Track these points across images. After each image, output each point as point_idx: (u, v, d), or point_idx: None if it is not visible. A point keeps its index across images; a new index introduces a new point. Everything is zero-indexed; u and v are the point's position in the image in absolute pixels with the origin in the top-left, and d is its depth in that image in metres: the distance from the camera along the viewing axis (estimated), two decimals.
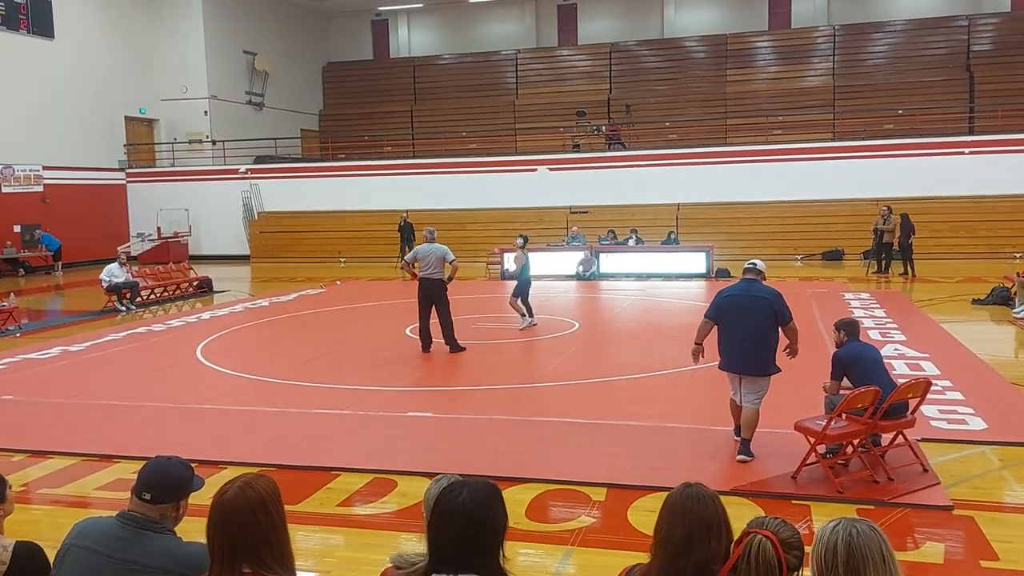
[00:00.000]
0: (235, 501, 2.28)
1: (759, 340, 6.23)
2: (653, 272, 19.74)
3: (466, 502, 2.20)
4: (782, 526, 2.27)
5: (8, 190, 24.72)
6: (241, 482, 2.35)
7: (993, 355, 10.04)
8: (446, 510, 2.21)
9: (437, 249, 10.85)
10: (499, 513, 2.26)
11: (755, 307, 6.25)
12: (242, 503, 2.27)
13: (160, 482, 2.72)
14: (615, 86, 33.36)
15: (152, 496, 2.68)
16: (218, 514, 2.27)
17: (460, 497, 2.21)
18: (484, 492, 2.25)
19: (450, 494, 2.23)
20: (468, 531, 2.18)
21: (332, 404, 8.39)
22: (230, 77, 31.20)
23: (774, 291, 6.37)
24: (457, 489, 2.24)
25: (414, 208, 25.23)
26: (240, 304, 16.82)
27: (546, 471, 6.18)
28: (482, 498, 2.23)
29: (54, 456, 6.94)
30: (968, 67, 29.96)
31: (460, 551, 2.18)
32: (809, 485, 5.72)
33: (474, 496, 2.22)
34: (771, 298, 6.27)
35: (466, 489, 2.23)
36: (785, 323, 6.27)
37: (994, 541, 4.87)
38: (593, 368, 10.06)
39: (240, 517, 2.25)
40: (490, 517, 2.22)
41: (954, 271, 18.89)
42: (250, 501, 2.29)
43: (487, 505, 2.23)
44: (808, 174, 24.27)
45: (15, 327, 14.02)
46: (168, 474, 2.75)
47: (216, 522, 2.26)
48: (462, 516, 2.18)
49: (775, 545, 2.18)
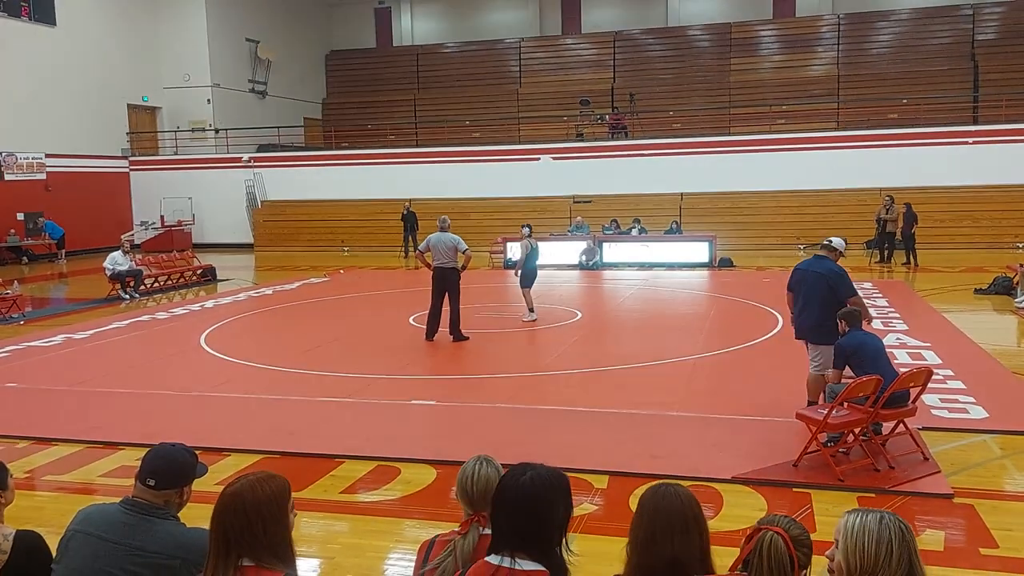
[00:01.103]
0: (236, 497, 2.27)
1: (815, 311, 6.77)
2: (656, 262, 19.74)
3: (527, 484, 2.21)
4: (792, 524, 2.27)
5: (11, 178, 24.74)
6: (250, 479, 2.33)
7: (995, 344, 10.05)
8: (509, 490, 2.23)
9: (448, 238, 10.84)
10: (560, 499, 2.26)
11: (814, 282, 6.84)
12: (244, 500, 2.26)
13: (164, 468, 2.74)
14: (619, 75, 33.25)
15: (156, 482, 2.71)
16: (220, 507, 2.28)
17: (524, 478, 2.23)
18: (548, 476, 2.26)
19: (515, 475, 2.25)
20: (526, 512, 2.19)
21: (335, 392, 8.42)
22: (233, 65, 31.14)
23: (835, 269, 6.85)
24: (523, 470, 2.26)
25: (417, 197, 25.21)
26: (244, 292, 16.85)
27: (548, 458, 6.12)
28: (544, 481, 2.24)
29: (58, 443, 6.98)
30: (973, 56, 29.81)
31: (518, 532, 2.19)
32: (810, 473, 5.74)
33: (536, 479, 2.23)
34: (827, 274, 6.80)
35: (531, 471, 2.25)
36: (846, 299, 6.66)
37: (994, 529, 4.89)
38: (595, 357, 10.07)
39: (240, 514, 2.24)
40: (549, 501, 2.23)
41: (957, 261, 18.87)
42: (255, 499, 2.27)
43: (550, 488, 2.24)
44: (812, 164, 24.22)
45: (19, 315, 14.06)
46: (172, 460, 2.77)
47: (217, 514, 2.27)
48: (525, 499, 2.19)
49: (787, 542, 2.18)
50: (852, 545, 2.04)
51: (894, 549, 2.01)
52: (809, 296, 6.84)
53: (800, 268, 7.09)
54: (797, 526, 2.27)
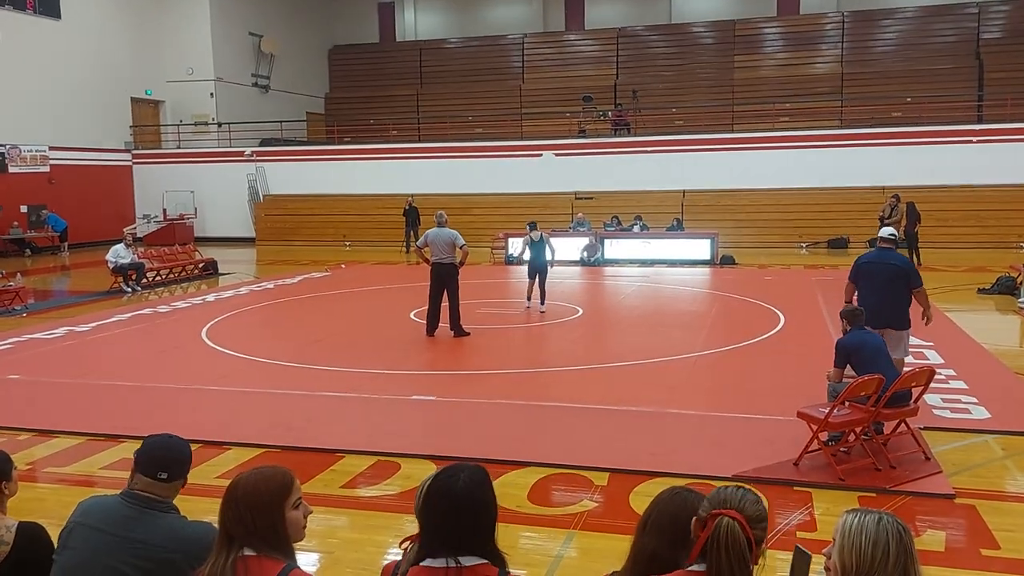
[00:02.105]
0: (231, 489, 2.33)
1: (892, 299, 7.09)
2: (658, 258, 19.72)
3: (468, 485, 2.22)
4: (746, 501, 2.15)
5: (15, 170, 24.76)
6: (251, 472, 2.39)
7: (998, 344, 10.03)
8: (447, 494, 2.22)
9: (446, 234, 10.82)
10: (492, 496, 2.29)
11: (892, 273, 7.12)
12: (237, 492, 2.32)
13: (175, 460, 2.77)
14: (622, 71, 33.19)
15: (169, 474, 2.74)
16: (225, 499, 2.34)
17: (459, 482, 2.22)
18: (481, 476, 2.27)
19: (449, 479, 2.24)
20: (467, 516, 2.19)
21: (336, 387, 8.42)
22: (236, 59, 31.12)
23: (908, 261, 7.35)
24: (454, 473, 2.25)
25: (419, 192, 25.19)
26: (245, 286, 16.85)
27: (549, 455, 6.20)
28: (481, 481, 2.26)
29: (60, 435, 6.99)
30: (978, 55, 29.73)
31: (456, 535, 2.19)
32: (811, 472, 5.74)
33: (474, 479, 2.24)
34: (903, 266, 7.25)
35: (463, 473, 2.24)
36: (916, 287, 7.10)
37: (995, 530, 4.88)
38: (596, 354, 10.07)
39: (232, 504, 2.30)
40: (486, 502, 2.25)
41: (960, 260, 18.83)
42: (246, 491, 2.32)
43: (484, 488, 2.26)
44: (815, 162, 24.17)
45: (21, 307, 14.06)
46: (179, 451, 2.81)
47: (224, 506, 2.33)
48: (465, 499, 2.20)
49: (743, 526, 2.08)
50: (849, 545, 2.01)
51: (891, 551, 1.99)
52: (886, 287, 7.07)
53: (870, 260, 7.30)
54: (752, 503, 2.16)
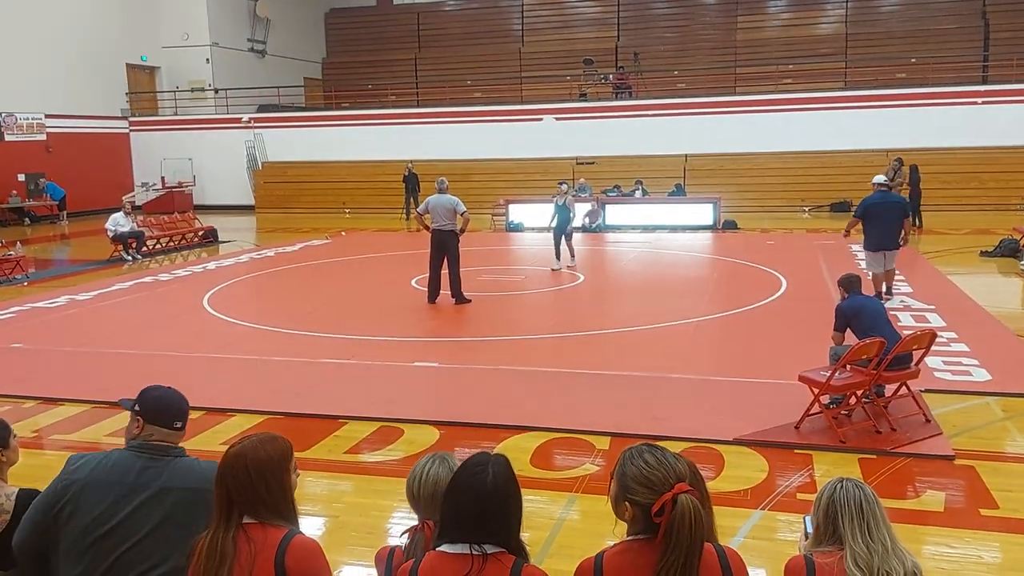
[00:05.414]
0: (239, 457, 2.32)
1: (895, 227, 9.83)
2: (659, 224, 19.65)
3: (497, 480, 2.17)
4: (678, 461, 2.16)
5: (11, 138, 24.59)
6: (253, 440, 2.37)
7: (999, 307, 10.02)
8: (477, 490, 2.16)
9: (447, 200, 10.76)
10: (518, 489, 2.24)
11: (892, 208, 9.91)
12: (247, 460, 2.31)
13: (184, 410, 2.88)
14: (623, 33, 32.76)
15: (182, 423, 2.85)
16: (223, 467, 2.33)
17: (488, 476, 2.17)
18: (508, 469, 2.22)
19: (478, 473, 2.19)
20: (494, 511, 2.16)
21: (338, 353, 8.44)
22: (231, 23, 30.71)
23: (901, 197, 10.81)
24: (482, 467, 2.20)
25: (419, 158, 25.01)
26: (245, 254, 16.83)
27: (551, 420, 6.23)
28: (509, 475, 2.21)
29: (64, 403, 7.03)
30: (983, 14, 29.30)
31: (482, 527, 2.15)
32: (812, 435, 5.77)
33: (503, 473, 2.19)
34: (901, 202, 10.26)
35: (492, 467, 2.20)
36: (907, 217, 10.00)
37: (994, 490, 4.91)
38: (598, 320, 10.08)
39: (243, 473, 2.29)
40: (512, 495, 2.21)
41: (962, 223, 18.76)
42: (257, 459, 2.31)
43: (515, 479, 2.22)
44: (818, 124, 23.95)
45: (22, 276, 14.07)
46: (184, 401, 2.91)
47: (221, 473, 2.32)
48: (495, 495, 2.16)
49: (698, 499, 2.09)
50: (816, 507, 2.47)
51: (852, 512, 2.36)
52: (890, 219, 9.78)
53: (876, 202, 9.89)
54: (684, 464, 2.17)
